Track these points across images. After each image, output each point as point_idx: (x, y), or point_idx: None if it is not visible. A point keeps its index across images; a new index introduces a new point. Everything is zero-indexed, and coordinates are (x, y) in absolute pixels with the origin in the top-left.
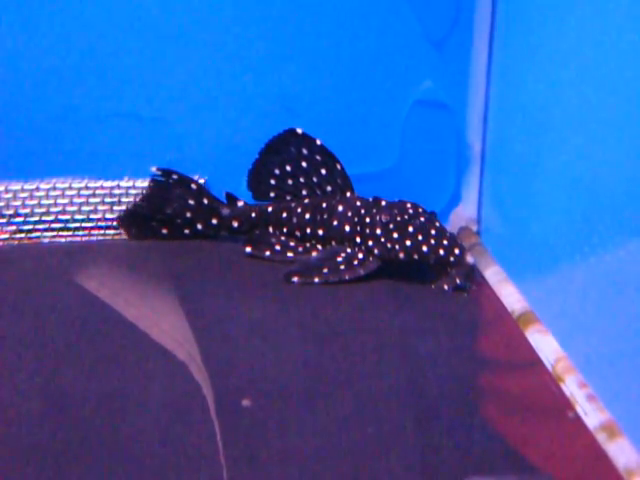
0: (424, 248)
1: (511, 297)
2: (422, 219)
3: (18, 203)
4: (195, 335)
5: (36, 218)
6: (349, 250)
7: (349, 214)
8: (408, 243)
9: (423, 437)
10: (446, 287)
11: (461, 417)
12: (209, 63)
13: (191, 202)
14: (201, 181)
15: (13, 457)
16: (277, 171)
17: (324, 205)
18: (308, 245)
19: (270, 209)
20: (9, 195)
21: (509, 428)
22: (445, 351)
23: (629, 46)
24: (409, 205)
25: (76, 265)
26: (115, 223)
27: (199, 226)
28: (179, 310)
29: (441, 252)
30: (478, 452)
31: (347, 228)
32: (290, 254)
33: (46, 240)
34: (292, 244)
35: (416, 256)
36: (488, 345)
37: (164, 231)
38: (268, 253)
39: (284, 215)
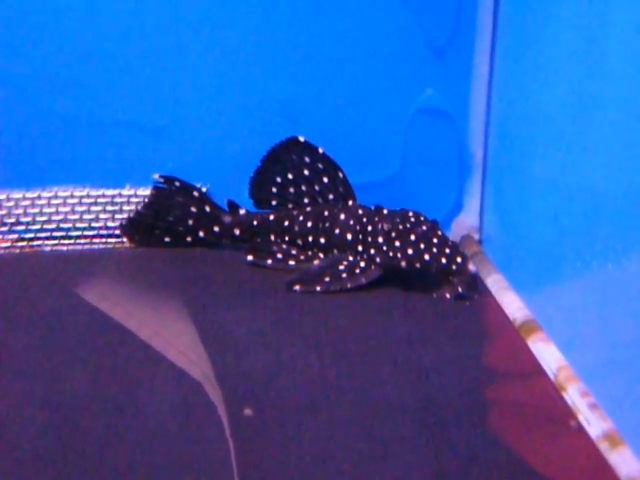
0: (426, 256)
1: (513, 305)
2: (424, 227)
3: (20, 211)
4: (197, 343)
5: (38, 226)
6: (351, 258)
7: (351, 222)
8: (410, 251)
9: (426, 446)
10: (448, 296)
11: (464, 426)
12: (211, 71)
13: (193, 210)
14: (203, 189)
15: (15, 466)
16: (279, 179)
17: (326, 213)
18: (310, 253)
19: (272, 217)
20: (11, 203)
21: (512, 437)
22: (447, 360)
23: (631, 53)
24: (411, 213)
25: (78, 273)
26: (117, 231)
27: (201, 234)
28: (181, 319)
29: (443, 260)
30: (481, 461)
31: (349, 236)
32: (292, 262)
33: (48, 248)
34: (294, 252)
35: (418, 264)
36: (490, 354)
37: (166, 239)
38: (270, 261)
39: (286, 223)
